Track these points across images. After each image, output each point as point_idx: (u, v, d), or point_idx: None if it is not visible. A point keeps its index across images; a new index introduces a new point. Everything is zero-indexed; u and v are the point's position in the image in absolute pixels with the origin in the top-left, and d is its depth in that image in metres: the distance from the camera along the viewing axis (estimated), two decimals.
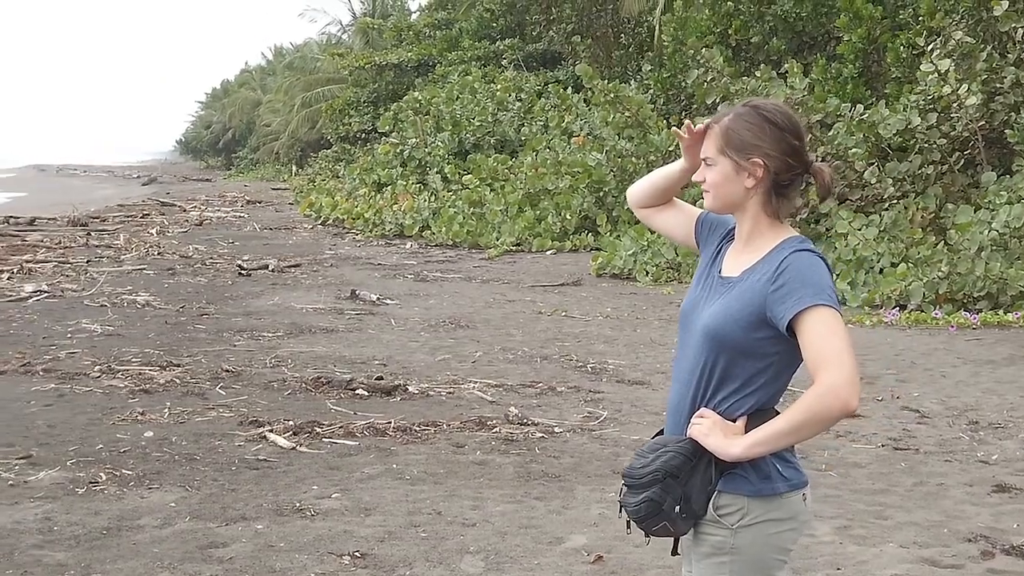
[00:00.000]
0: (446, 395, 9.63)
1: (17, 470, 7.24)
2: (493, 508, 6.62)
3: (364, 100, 43.37)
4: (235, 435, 8.16)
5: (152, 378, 9.97)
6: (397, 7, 54.42)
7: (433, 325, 13.24)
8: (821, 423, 2.89)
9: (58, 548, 5.86)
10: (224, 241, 23.93)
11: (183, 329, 12.75)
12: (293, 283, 17.14)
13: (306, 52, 68.87)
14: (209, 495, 6.79)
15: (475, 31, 39.09)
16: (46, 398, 9.24)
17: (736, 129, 3.07)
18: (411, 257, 21.10)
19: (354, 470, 7.38)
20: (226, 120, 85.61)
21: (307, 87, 57.51)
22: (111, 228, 26.90)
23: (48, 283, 16.27)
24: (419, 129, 30.11)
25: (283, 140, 64.07)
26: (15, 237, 24.34)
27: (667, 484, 2.98)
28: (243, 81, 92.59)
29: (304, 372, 10.33)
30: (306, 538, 6.06)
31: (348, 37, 56.41)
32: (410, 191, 26.97)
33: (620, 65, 29.53)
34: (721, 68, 19.08)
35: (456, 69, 36.01)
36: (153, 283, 16.72)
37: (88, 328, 12.57)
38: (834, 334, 2.87)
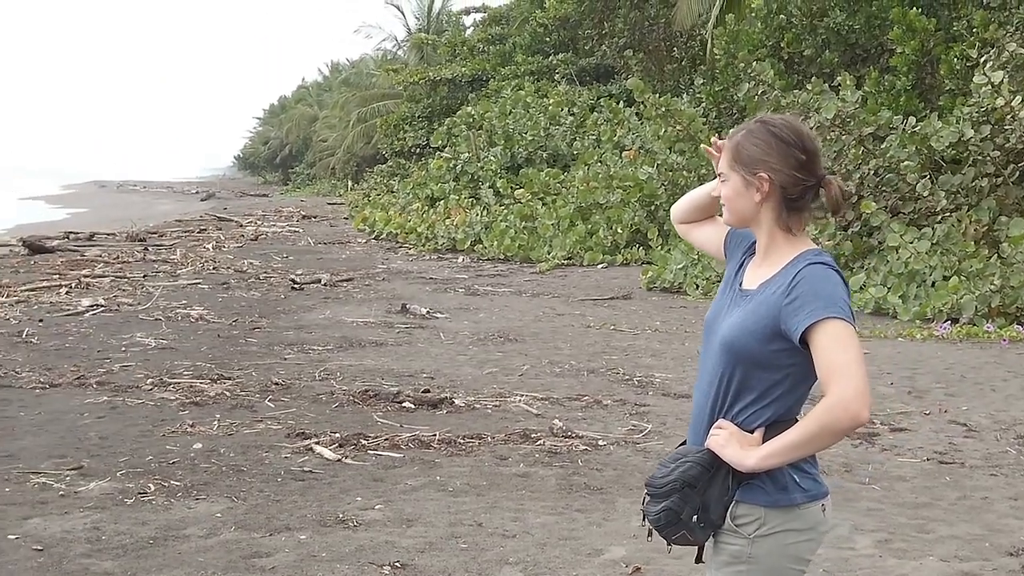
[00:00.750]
0: (492, 408, 9.69)
1: (68, 481, 7.38)
2: (534, 520, 6.67)
3: (418, 115, 43.64)
4: (282, 447, 8.26)
5: (203, 391, 10.11)
6: (452, 23, 54.63)
7: (482, 339, 13.31)
8: (832, 435, 2.92)
9: (105, 557, 5.97)
10: (278, 256, 24.18)
11: (235, 343, 12.91)
12: (345, 297, 17.29)
13: (362, 68, 69.41)
14: (254, 506, 6.89)
15: (528, 46, 39.24)
16: (99, 410, 9.40)
17: (745, 145, 3.12)
18: (462, 271, 21.21)
19: (398, 482, 7.46)
20: (283, 136, 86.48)
21: (362, 102, 57.94)
22: (168, 243, 27.27)
23: (105, 297, 16.52)
24: (472, 144, 30.27)
25: (339, 155, 64.57)
26: (74, 252, 24.76)
27: (685, 494, 3.03)
28: (300, 97, 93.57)
29: (352, 385, 10.43)
30: (348, 548, 6.13)
31: (403, 53, 56.71)
32: (462, 205, 27.11)
33: (672, 79, 29.53)
34: (772, 81, 19.04)
35: (509, 84, 36.16)
36: (207, 297, 16.94)
37: (142, 342, 12.76)
38: (844, 347, 2.90)
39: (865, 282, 15.61)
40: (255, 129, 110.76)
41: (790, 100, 18.85)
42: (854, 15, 22.20)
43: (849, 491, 7.30)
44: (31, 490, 7.18)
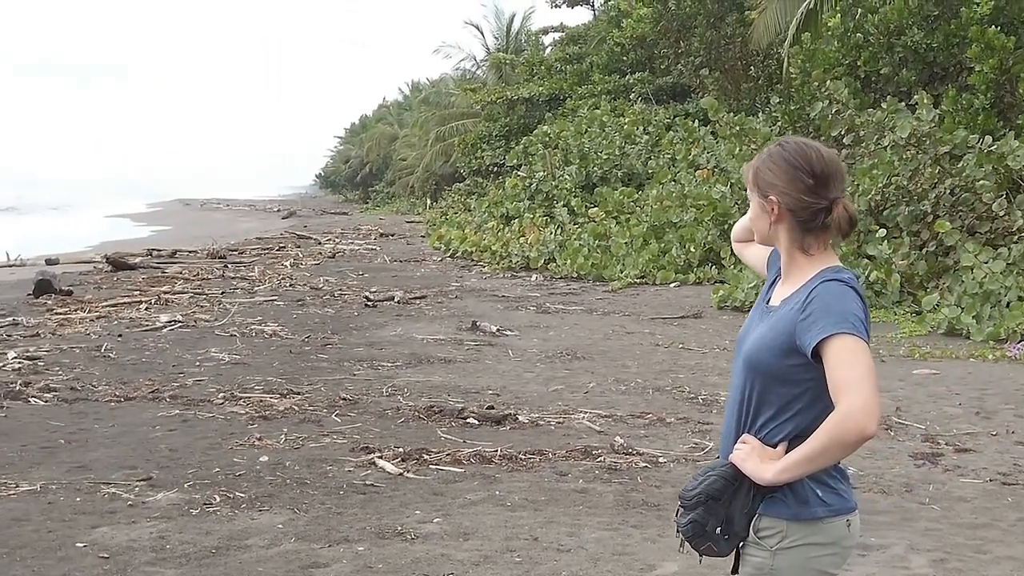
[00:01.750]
0: (555, 425, 9.77)
1: (137, 491, 7.58)
2: (589, 535, 6.74)
3: (496, 134, 43.86)
4: (346, 460, 8.41)
5: (272, 405, 10.31)
6: (531, 42, 54.87)
7: (550, 356, 13.39)
8: (841, 448, 2.97)
9: (168, 566, 6.14)
10: (354, 273, 24.45)
11: (306, 358, 13.12)
12: (417, 314, 17.46)
13: (441, 87, 69.89)
14: (315, 517, 7.03)
15: (605, 65, 39.32)
16: (170, 423, 9.62)
17: (761, 169, 3.22)
18: (535, 289, 21.30)
19: (457, 496, 7.56)
20: (363, 154, 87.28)
21: (441, 121, 58.31)
22: (247, 260, 27.69)
23: (183, 313, 16.85)
24: (547, 162, 30.40)
25: (418, 174, 65.03)
26: (156, 269, 25.26)
27: (709, 506, 3.12)
28: (380, 116, 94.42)
29: (418, 401, 10.56)
30: (404, 560, 6.24)
31: (482, 72, 57.07)
32: (537, 224, 27.22)
33: (749, 98, 29.42)
34: (846, 100, 18.96)
35: (586, 103, 36.24)
36: (282, 314, 17.19)
37: (216, 357, 13.01)
38: (853, 361, 2.95)
39: (939, 302, 15.46)
40: (336, 148, 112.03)
41: (864, 119, 18.78)
42: (932, 33, 21.99)
43: (908, 511, 7.28)
44: (101, 500, 7.39)
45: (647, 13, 32.76)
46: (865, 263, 17.17)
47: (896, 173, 17.80)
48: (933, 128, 17.73)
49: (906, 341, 14.09)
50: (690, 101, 33.31)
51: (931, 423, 9.76)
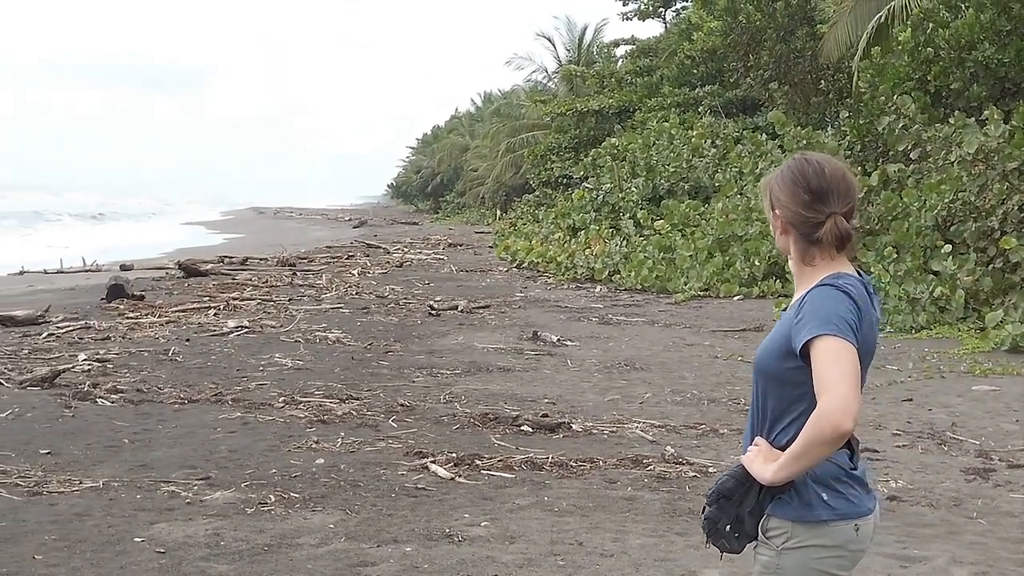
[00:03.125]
0: (608, 434, 9.87)
1: (196, 490, 7.79)
2: (633, 541, 6.84)
3: (565, 146, 44.01)
4: (399, 465, 8.57)
5: (331, 410, 10.51)
6: (603, 54, 54.93)
7: (608, 367, 13.49)
8: (820, 445, 3.07)
9: (222, 561, 6.33)
10: (420, 282, 24.68)
11: (367, 365, 13.33)
12: (479, 324, 17.63)
13: (513, 99, 70.15)
14: (366, 519, 7.20)
15: (675, 78, 39.34)
16: (231, 425, 9.86)
17: (771, 184, 3.38)
18: (598, 301, 21.39)
19: (506, 501, 7.70)
20: (435, 165, 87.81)
21: (512, 132, 58.53)
22: (316, 269, 28.03)
23: (250, 319, 17.14)
24: (615, 174, 30.47)
25: (488, 185, 65.33)
26: (227, 276, 25.65)
27: (722, 505, 3.26)
28: (452, 127, 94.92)
29: (475, 408, 10.72)
30: (450, 561, 6.39)
31: (553, 84, 57.22)
32: (603, 236, 27.31)
33: (818, 112, 29.31)
34: (913, 115, 18.85)
35: (655, 115, 36.26)
36: (347, 321, 17.44)
37: (279, 362, 13.26)
38: (832, 362, 3.06)
39: (1003, 319, 15.34)
40: (408, 158, 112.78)
41: (932, 134, 18.67)
42: (1004, 48, 21.81)
43: (954, 524, 7.31)
44: (160, 497, 7.61)
45: (717, 26, 32.75)
46: (930, 279, 17.07)
47: (963, 189, 17.70)
48: (1002, 144, 17.59)
49: (968, 357, 14.01)
50: (759, 114, 33.22)
51: (986, 439, 9.73)
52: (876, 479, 8.45)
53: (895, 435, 9.98)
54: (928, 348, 14.97)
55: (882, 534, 7.07)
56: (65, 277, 27.00)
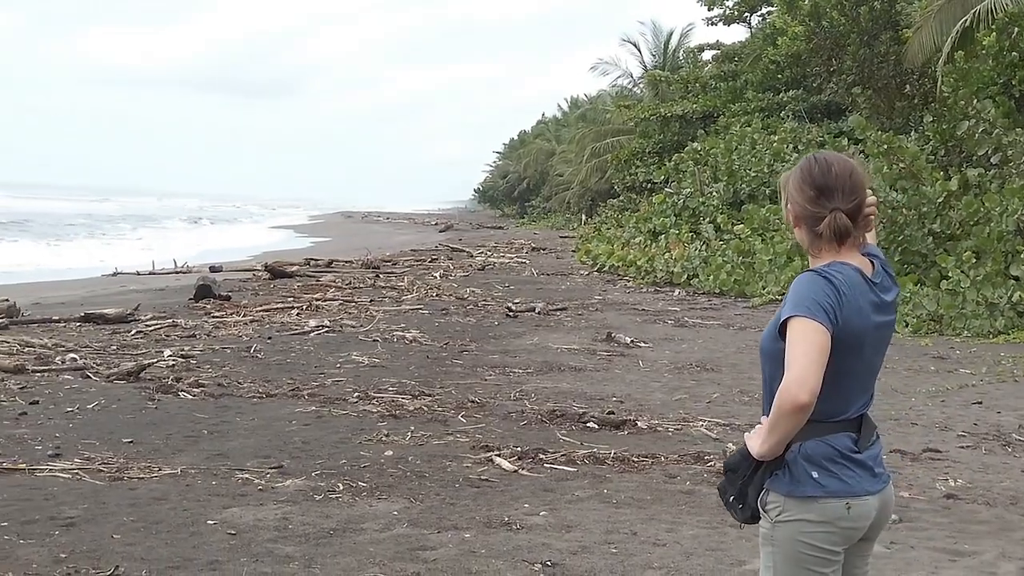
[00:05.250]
0: (673, 431, 10.05)
1: (268, 478, 8.12)
2: (686, 532, 7.03)
3: (649, 150, 44.10)
4: (465, 457, 8.84)
5: (403, 405, 10.81)
6: (689, 59, 54.86)
7: (679, 367, 13.65)
8: (783, 416, 3.29)
9: (288, 543, 6.63)
10: (501, 285, 24.97)
11: (442, 363, 13.62)
12: (555, 325, 17.86)
13: (598, 104, 70.32)
14: (429, 507, 7.47)
15: (760, 83, 39.25)
16: (306, 419, 10.19)
17: (787, 179, 3.56)
18: (676, 304, 21.51)
19: (566, 493, 7.92)
20: (521, 170, 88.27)
21: (597, 137, 58.69)
22: (399, 271, 28.45)
23: (330, 319, 17.54)
24: (696, 179, 30.54)
25: (574, 189, 65.60)
26: (311, 278, 26.14)
27: (729, 478, 3.54)
28: (539, 132, 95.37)
29: (543, 405, 10.95)
30: (506, 547, 6.62)
31: (639, 89, 57.25)
32: (682, 240, 27.41)
33: (902, 116, 29.10)
34: (994, 119, 18.76)
35: (738, 120, 36.24)
36: (425, 322, 17.77)
37: (356, 360, 13.60)
38: (796, 341, 3.29)
39: None
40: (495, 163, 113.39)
41: (1013, 138, 18.58)
42: None
43: (1008, 522, 7.39)
44: (234, 484, 7.94)
45: (801, 31, 32.66)
46: (1010, 284, 17.00)
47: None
48: None
49: None
50: (843, 119, 33.05)
51: None
52: (934, 478, 8.55)
53: (960, 436, 10.04)
54: (1004, 352, 14.94)
55: (933, 529, 7.21)
56: (156, 278, 27.68)
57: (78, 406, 10.45)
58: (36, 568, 6.07)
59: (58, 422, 9.80)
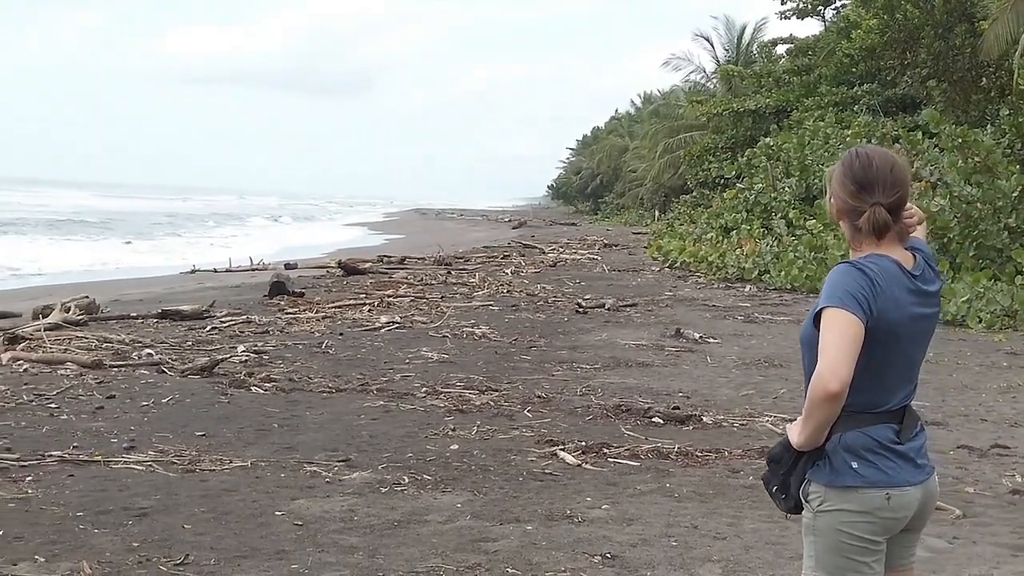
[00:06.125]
0: (738, 426, 10.08)
1: (336, 471, 8.27)
2: (747, 526, 7.07)
3: (722, 146, 43.91)
4: (530, 451, 8.93)
5: (470, 400, 10.94)
6: (763, 53, 54.50)
7: (747, 363, 13.65)
8: (815, 405, 3.36)
9: (354, 534, 6.77)
10: (572, 281, 25.03)
11: (510, 359, 13.73)
12: (625, 321, 17.90)
13: (671, 99, 70.09)
14: (492, 500, 7.57)
15: (833, 76, 38.92)
16: (374, 413, 10.35)
17: (832, 172, 3.60)
18: (746, 300, 21.45)
19: (628, 486, 7.99)
20: (594, 166, 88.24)
21: (670, 133, 58.55)
22: (471, 268, 28.60)
23: (401, 316, 17.72)
24: (768, 174, 30.38)
25: (647, 185, 65.48)
26: (384, 275, 26.39)
27: (772, 468, 3.62)
28: (612, 128, 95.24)
29: (609, 400, 11.01)
30: (567, 539, 6.71)
31: (712, 84, 57.00)
32: (754, 235, 27.29)
33: (978, 109, 28.79)
34: None
35: (812, 115, 35.95)
36: (495, 318, 17.89)
37: (426, 355, 13.75)
38: (828, 331, 3.36)
39: None
40: (568, 159, 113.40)
41: None
42: None
43: None
44: (302, 477, 8.11)
45: (875, 24, 32.35)
46: None
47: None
48: None
49: None
50: (918, 113, 32.70)
51: None
52: (1001, 473, 8.51)
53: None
54: None
55: (997, 525, 7.19)
56: (233, 275, 28.10)
57: (153, 400, 10.69)
58: (109, 556, 6.26)
59: (133, 416, 10.04)
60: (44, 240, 45.59)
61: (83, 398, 10.75)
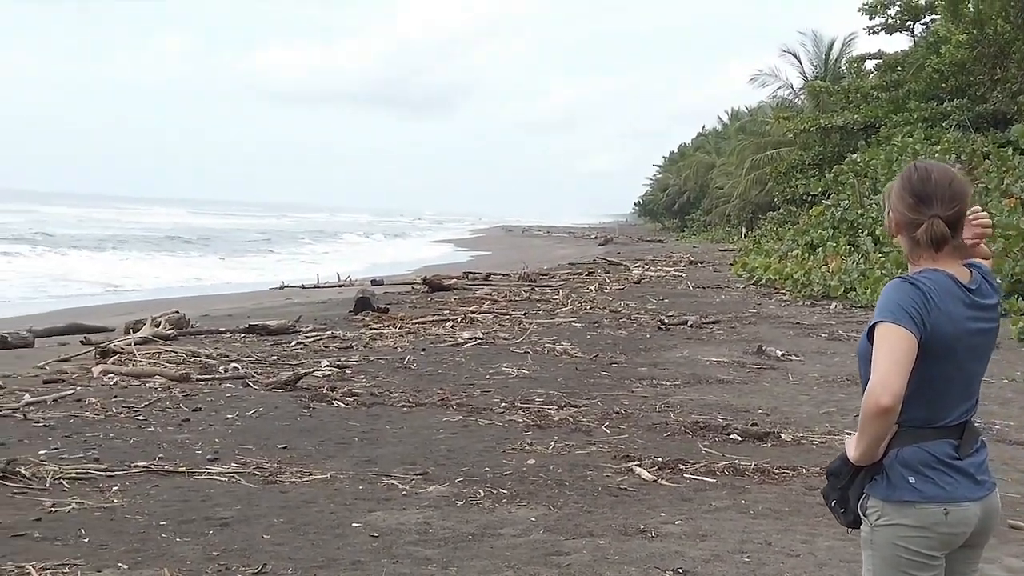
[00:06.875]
0: (817, 444, 10.03)
1: (413, 484, 8.39)
2: (822, 543, 7.05)
3: (809, 162, 43.54)
4: (606, 467, 8.98)
5: (548, 415, 11.01)
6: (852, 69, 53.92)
7: (829, 381, 13.56)
8: (867, 419, 3.39)
9: (428, 546, 6.87)
10: (655, 298, 25.00)
11: (590, 375, 13.78)
12: (707, 338, 17.85)
13: (758, 115, 69.58)
14: (566, 514, 7.63)
15: (922, 92, 38.40)
16: (453, 428, 10.46)
17: (891, 186, 3.63)
18: (831, 317, 21.26)
19: (703, 503, 8.00)
20: (681, 183, 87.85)
21: (757, 149, 58.13)
22: (555, 284, 28.68)
23: (484, 331, 17.84)
24: (855, 191, 30.09)
25: (734, 202, 65.07)
26: (468, 291, 26.57)
27: (831, 483, 3.64)
28: (699, 144, 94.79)
29: (687, 417, 11.02)
30: (639, 554, 6.75)
31: (800, 100, 56.48)
32: (840, 253, 27.04)
33: None
34: None
35: (900, 131, 35.54)
36: (576, 334, 17.94)
37: (506, 371, 13.84)
38: (880, 346, 3.37)
39: None
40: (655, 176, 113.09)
41: None
42: None
43: None
44: (380, 489, 8.23)
45: (964, 39, 31.92)
46: None
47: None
48: None
49: None
50: (1009, 129, 32.18)
51: None
52: None
53: None
54: None
55: None
56: (320, 291, 28.48)
57: (237, 413, 10.91)
58: (190, 564, 6.42)
59: (218, 428, 10.25)
60: (141, 256, 46.67)
61: (170, 410, 11.00)
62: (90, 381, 12.62)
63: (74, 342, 16.25)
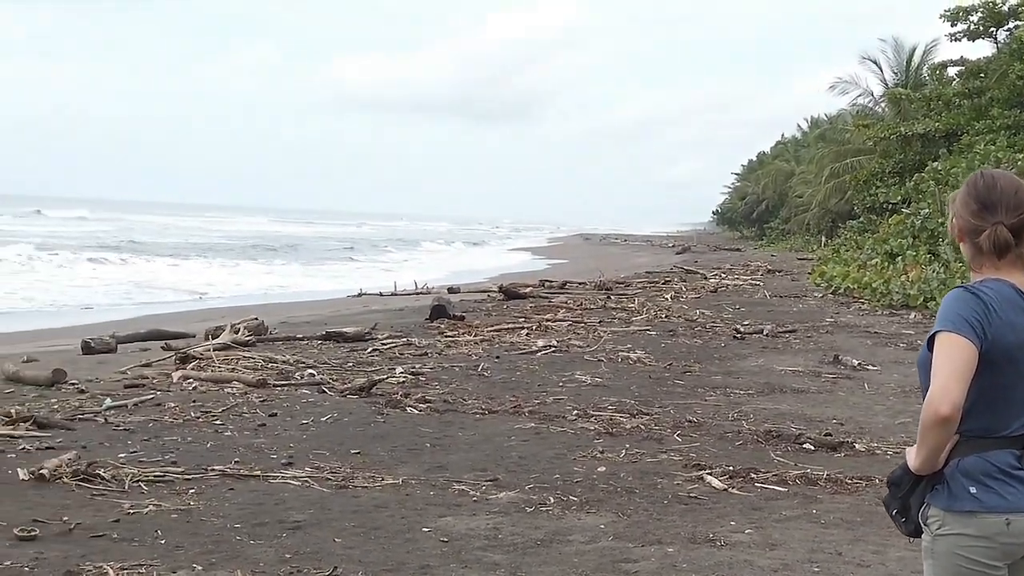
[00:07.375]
0: (892, 454, 9.94)
1: (483, 490, 8.45)
2: (893, 554, 7.00)
3: (889, 171, 43.08)
4: (676, 475, 8.98)
5: (620, 423, 11.03)
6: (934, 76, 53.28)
7: (906, 391, 13.42)
8: (927, 429, 3.36)
9: (497, 551, 6.92)
10: (731, 307, 24.86)
11: (663, 383, 13.76)
12: (783, 347, 17.74)
13: (838, 123, 68.94)
14: (636, 521, 7.65)
15: (1006, 99, 37.85)
16: (524, 435, 10.52)
17: (955, 195, 3.62)
18: (910, 327, 21.02)
19: (774, 512, 7.98)
20: (759, 191, 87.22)
21: (837, 158, 57.59)
22: (630, 293, 28.62)
23: (558, 339, 17.87)
24: (936, 199, 29.72)
25: (813, 211, 64.51)
26: (544, 299, 26.61)
27: (892, 491, 3.63)
28: (778, 153, 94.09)
29: (760, 426, 10.98)
30: (707, 563, 6.75)
31: (881, 108, 55.87)
32: (920, 262, 26.72)
33: None
34: None
35: (983, 139, 35.06)
36: (651, 343, 17.91)
37: (579, 379, 13.87)
38: (940, 355, 3.35)
39: None
40: (733, 184, 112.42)
41: None
42: None
43: None
44: (451, 495, 8.31)
45: None
46: None
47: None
48: None
49: None
50: None
51: None
52: None
53: None
54: None
55: None
56: (397, 298, 28.72)
57: (312, 419, 11.05)
58: (263, 566, 6.53)
59: (293, 433, 10.40)
60: (224, 264, 47.27)
61: (246, 415, 11.18)
62: (170, 386, 12.86)
63: (156, 348, 16.53)
